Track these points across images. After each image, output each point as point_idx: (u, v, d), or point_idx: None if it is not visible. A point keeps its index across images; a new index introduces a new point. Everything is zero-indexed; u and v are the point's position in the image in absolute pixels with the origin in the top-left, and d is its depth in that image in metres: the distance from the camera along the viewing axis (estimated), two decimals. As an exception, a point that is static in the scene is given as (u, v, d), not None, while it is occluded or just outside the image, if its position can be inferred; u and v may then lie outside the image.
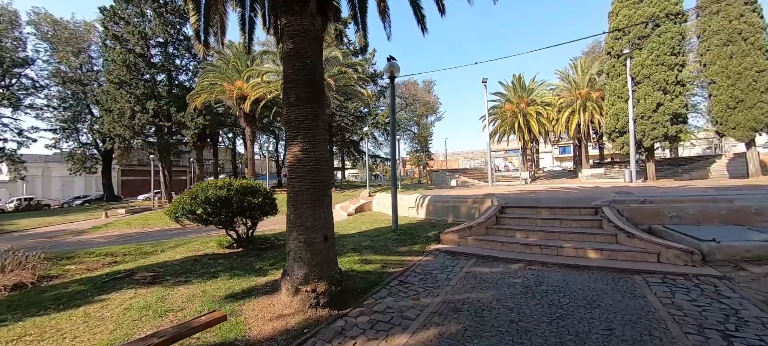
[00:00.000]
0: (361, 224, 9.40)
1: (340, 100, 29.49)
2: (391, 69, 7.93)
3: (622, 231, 5.63)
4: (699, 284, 4.27)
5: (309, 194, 3.96)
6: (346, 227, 8.91)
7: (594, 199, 7.92)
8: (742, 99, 16.38)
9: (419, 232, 7.81)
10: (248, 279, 4.68)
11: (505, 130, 33.00)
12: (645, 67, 19.42)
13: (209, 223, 6.25)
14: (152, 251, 7.28)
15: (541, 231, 6.38)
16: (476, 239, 6.61)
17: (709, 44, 17.66)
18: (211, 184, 6.48)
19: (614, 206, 6.57)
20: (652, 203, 6.30)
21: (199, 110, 26.70)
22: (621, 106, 20.61)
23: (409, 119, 52.76)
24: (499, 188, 19.03)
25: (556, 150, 57.89)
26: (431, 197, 9.51)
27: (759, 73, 16.07)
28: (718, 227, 5.75)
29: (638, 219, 6.35)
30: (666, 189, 11.07)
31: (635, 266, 4.93)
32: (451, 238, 6.89)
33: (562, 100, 28.69)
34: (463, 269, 5.42)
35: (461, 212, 8.55)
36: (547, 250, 5.81)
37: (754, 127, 16.25)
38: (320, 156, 4.06)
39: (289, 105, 4.01)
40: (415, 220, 9.50)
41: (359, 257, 5.89)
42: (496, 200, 7.91)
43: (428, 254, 6.37)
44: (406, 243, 7.01)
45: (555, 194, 10.77)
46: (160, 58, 28.47)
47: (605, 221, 6.12)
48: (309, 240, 3.92)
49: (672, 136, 19.38)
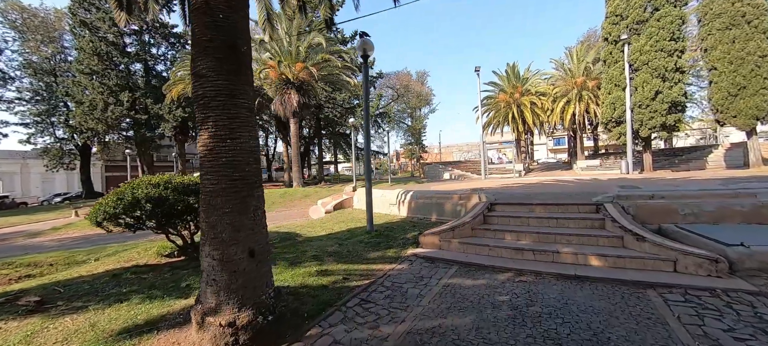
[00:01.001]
0: (334, 223, 8.44)
1: (328, 91, 28.30)
2: (364, 46, 6.88)
3: (630, 233, 4.74)
4: (731, 303, 3.38)
5: (225, 195, 2.95)
6: (316, 228, 7.94)
7: (594, 193, 7.03)
8: (744, 86, 15.62)
9: (397, 233, 6.87)
10: (163, 303, 3.68)
11: (499, 122, 32.12)
12: (643, 54, 18.56)
13: (138, 229, 5.21)
14: (85, 259, 6.25)
15: (534, 232, 5.47)
16: (460, 242, 5.68)
17: (710, 28, 16.82)
18: (145, 181, 5.43)
19: (618, 202, 5.67)
20: (663, 199, 5.42)
21: (179, 102, 25.34)
22: (618, 95, 19.80)
23: (403, 111, 51.63)
24: (491, 181, 18.19)
25: (550, 142, 57.40)
26: (413, 193, 8.57)
27: (762, 58, 15.30)
28: (741, 227, 4.89)
29: (646, 217, 5.47)
30: (670, 181, 10.27)
31: (648, 277, 4.04)
32: (432, 240, 5.96)
33: (557, 89, 27.84)
34: (440, 282, 4.49)
35: (446, 210, 7.62)
36: (542, 256, 4.90)
37: (756, 115, 15.53)
38: (242, 145, 3.05)
39: (197, 76, 2.98)
40: (395, 218, 8.55)
41: (318, 268, 4.92)
42: (483, 196, 6.98)
43: (403, 261, 5.43)
44: (379, 247, 6.06)
45: (550, 188, 9.89)
46: (135, 46, 26.90)
47: (609, 220, 5.23)
48: (226, 257, 2.94)
49: (670, 125, 18.64)
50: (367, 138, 7.08)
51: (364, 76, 7.01)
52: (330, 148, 45.56)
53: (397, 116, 52.21)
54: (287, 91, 20.36)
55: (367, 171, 7.05)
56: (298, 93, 20.41)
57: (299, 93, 20.46)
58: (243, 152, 3.05)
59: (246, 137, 3.10)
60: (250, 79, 3.20)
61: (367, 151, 7.14)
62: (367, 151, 7.15)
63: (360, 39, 6.90)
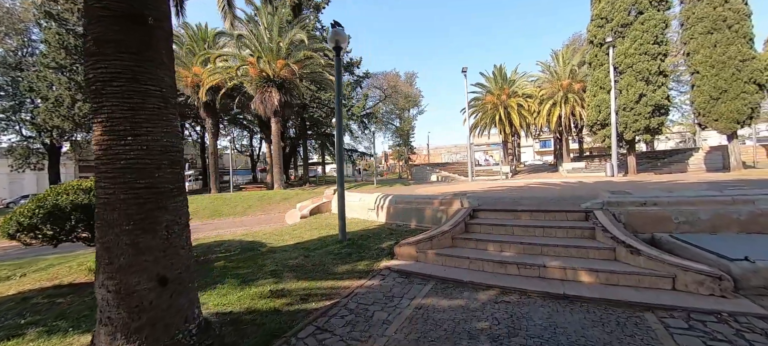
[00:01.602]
0: (307, 230, 7.78)
1: (313, 91, 27.51)
2: (336, 38, 6.27)
3: (622, 244, 4.27)
4: (742, 331, 2.91)
5: (124, 208, 2.29)
6: (285, 236, 7.26)
7: (582, 198, 6.61)
8: (725, 89, 15.74)
9: (372, 242, 6.26)
10: (62, 342, 2.95)
11: (486, 123, 32.01)
12: (628, 57, 18.57)
13: (61, 241, 4.44)
14: (9, 275, 5.38)
15: (519, 243, 4.96)
16: (438, 254, 5.13)
17: (693, 32, 16.93)
18: (73, 186, 4.66)
19: (608, 209, 5.23)
20: (655, 206, 5.00)
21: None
22: (603, 97, 19.79)
23: (391, 112, 51.14)
24: (477, 184, 17.81)
25: (537, 144, 57.99)
26: (392, 197, 7.99)
27: (743, 62, 15.44)
28: (741, 237, 4.50)
29: (638, 226, 5.05)
30: (657, 185, 10.04)
31: (645, 297, 3.56)
32: (408, 251, 5.39)
33: (544, 92, 27.86)
34: (413, 302, 3.91)
35: (426, 216, 7.06)
36: (527, 270, 4.39)
37: (736, 119, 15.66)
38: (151, 144, 2.39)
39: (88, 54, 2.31)
40: (373, 225, 7.95)
41: (273, 286, 4.27)
42: (466, 202, 6.46)
43: (375, 276, 4.83)
44: (350, 259, 5.44)
45: (536, 192, 9.50)
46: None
47: (599, 229, 4.77)
48: (125, 288, 2.27)
49: (654, 128, 18.71)
50: (340, 137, 6.46)
51: (337, 68, 6.39)
52: (317, 149, 44.67)
53: (385, 117, 51.69)
54: (268, 90, 19.51)
55: (340, 174, 6.43)
56: (280, 91, 19.58)
57: (281, 91, 19.63)
58: (152, 153, 2.39)
59: (157, 134, 2.44)
60: (164, 60, 2.55)
61: (339, 151, 6.52)
62: (339, 152, 6.52)
63: (332, 29, 6.28)
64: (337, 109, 6.35)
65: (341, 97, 6.37)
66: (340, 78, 6.42)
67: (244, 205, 15.03)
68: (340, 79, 6.42)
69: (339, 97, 6.38)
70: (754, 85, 15.40)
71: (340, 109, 6.37)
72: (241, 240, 6.98)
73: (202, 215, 13.59)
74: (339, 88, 6.41)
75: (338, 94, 6.37)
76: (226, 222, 12.16)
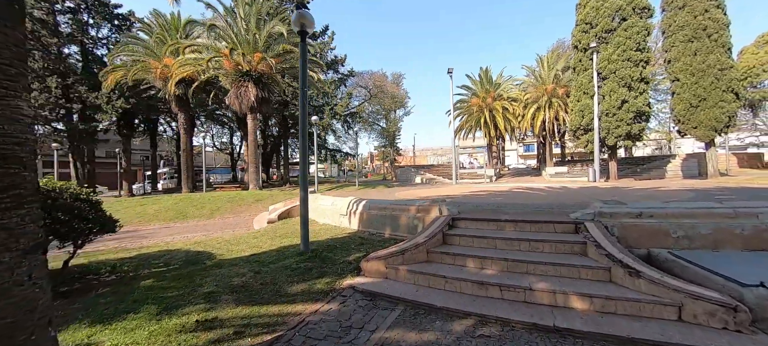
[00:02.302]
0: (269, 238, 6.94)
1: (295, 87, 26.49)
2: (301, 21, 5.50)
3: (619, 264, 3.70)
4: (772, 382, 2.34)
5: None
6: (241, 245, 6.39)
7: (569, 206, 6.09)
8: (704, 97, 15.89)
9: (338, 254, 5.51)
10: None
11: (472, 126, 31.82)
12: (611, 63, 18.61)
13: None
14: None
15: (502, 259, 4.33)
16: (411, 271, 4.43)
17: (674, 40, 17.08)
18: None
19: (600, 221, 4.69)
20: (652, 218, 4.49)
21: (121, 91, 22.44)
22: (586, 103, 19.78)
23: (377, 113, 50.44)
24: (461, 187, 17.34)
25: (521, 148, 58.75)
26: (366, 202, 7.26)
27: (721, 71, 15.63)
28: (745, 255, 4.02)
29: (633, 240, 4.52)
30: (642, 191, 9.76)
31: (648, 331, 2.97)
32: (377, 267, 4.67)
33: (529, 96, 27.88)
34: (374, 336, 3.19)
35: (401, 224, 6.37)
36: (511, 293, 3.75)
37: (715, 126, 15.84)
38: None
39: None
40: (344, 232, 7.20)
41: (203, 315, 3.45)
42: (445, 209, 5.81)
43: (335, 297, 4.09)
44: (309, 276, 4.67)
45: (521, 198, 8.99)
46: (70, 26, 23.58)
47: (591, 244, 4.20)
48: None
49: (635, 134, 18.81)
50: (303, 133, 5.67)
51: (302, 54, 5.61)
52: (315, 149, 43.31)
53: (371, 118, 50.95)
54: (244, 84, 18.42)
55: (302, 175, 5.63)
56: (257, 86, 18.53)
57: (258, 86, 18.58)
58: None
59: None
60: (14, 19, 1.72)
61: (303, 149, 5.72)
62: (303, 149, 5.72)
63: (297, 10, 5.50)
64: (301, 101, 5.57)
65: (306, 89, 5.60)
66: (305, 66, 5.65)
67: (213, 206, 13.94)
68: (305, 67, 5.64)
69: (303, 90, 5.60)
70: (731, 93, 15.61)
71: (305, 101, 5.59)
72: (188, 250, 6.08)
73: (163, 218, 12.44)
74: (303, 77, 5.62)
75: (303, 86, 5.60)
76: (188, 226, 11.11)
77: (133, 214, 12.75)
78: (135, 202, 15.25)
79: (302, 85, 5.56)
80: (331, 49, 29.15)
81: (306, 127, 5.63)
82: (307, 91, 5.66)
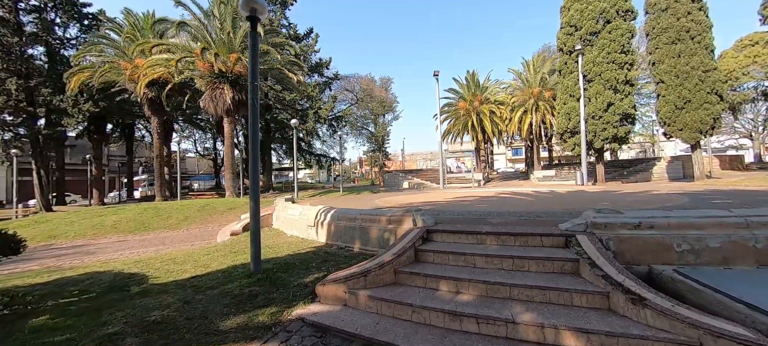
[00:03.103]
0: (222, 255, 6.08)
1: (277, 91, 25.61)
2: (251, 5, 4.74)
3: (619, 288, 3.05)
4: None
5: None
6: (185, 266, 5.51)
7: (558, 215, 5.46)
8: (689, 99, 15.77)
9: (295, 273, 4.72)
10: None
11: (459, 130, 31.44)
12: (596, 65, 18.45)
13: None
14: None
15: (481, 281, 3.62)
16: (373, 297, 3.68)
17: (657, 42, 16.99)
18: None
19: (594, 232, 4.05)
20: (652, 229, 3.87)
21: (89, 94, 21.14)
22: (573, 105, 19.55)
23: (366, 117, 49.75)
24: (447, 192, 16.73)
25: (509, 152, 58.93)
26: (334, 212, 6.50)
27: (705, 72, 15.55)
28: (763, 273, 3.42)
29: (632, 255, 3.90)
30: (632, 195, 9.29)
31: (663, 384, 2.29)
32: (334, 292, 3.90)
33: (515, 99, 27.68)
34: (310, 395, 2.42)
35: (371, 237, 5.62)
36: (490, 326, 3.05)
37: (700, 128, 15.71)
38: None
39: None
40: (310, 246, 6.40)
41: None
42: (420, 220, 5.09)
43: (277, 334, 3.30)
44: (252, 304, 3.87)
45: (507, 205, 8.37)
46: (35, 25, 22.18)
47: (585, 262, 3.54)
48: None
49: (621, 137, 18.63)
50: (254, 132, 4.89)
51: (251, 44, 4.85)
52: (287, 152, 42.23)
53: (359, 122, 50.23)
54: (220, 86, 17.46)
55: (253, 180, 4.83)
56: (234, 89, 17.60)
57: (235, 89, 17.64)
58: None
59: None
60: None
61: (254, 149, 4.93)
62: (254, 150, 4.93)
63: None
64: (251, 94, 4.79)
65: (256, 83, 4.84)
66: (256, 57, 4.89)
67: (181, 216, 12.89)
68: (255, 58, 4.89)
69: (253, 84, 4.83)
70: (715, 95, 15.53)
71: (255, 95, 4.82)
72: (120, 272, 5.17)
73: (123, 229, 11.35)
74: (253, 69, 4.86)
75: (252, 80, 4.83)
76: (146, 239, 10.09)
77: (88, 226, 11.61)
78: (95, 212, 14.04)
79: (251, 79, 4.80)
80: (315, 52, 28.43)
81: (256, 126, 4.85)
82: (257, 85, 4.89)
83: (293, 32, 27.36)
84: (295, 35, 27.49)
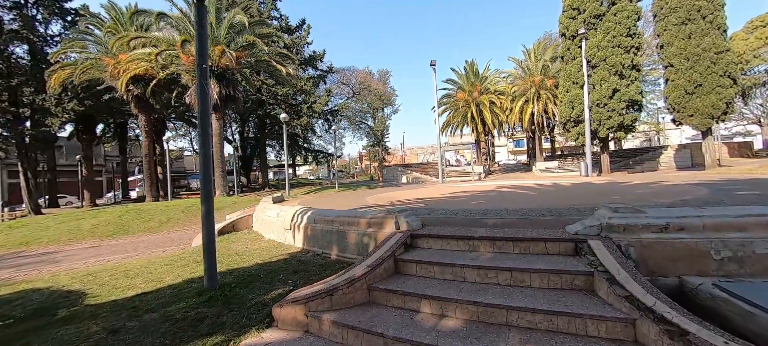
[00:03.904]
0: (181, 265, 5.40)
1: (269, 85, 24.77)
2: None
3: (649, 315, 2.32)
4: None
5: None
6: (136, 279, 4.81)
7: (565, 212, 4.73)
8: (700, 83, 14.86)
9: (256, 288, 4.02)
10: None
11: (459, 122, 30.58)
12: (601, 50, 17.52)
13: None
14: None
15: (471, 302, 2.91)
16: (339, 323, 2.98)
17: (666, 23, 16.03)
18: None
19: (610, 237, 3.31)
20: (683, 231, 3.14)
21: (74, 92, 20.42)
22: (576, 93, 18.65)
23: (364, 112, 48.84)
24: (445, 187, 15.99)
25: (510, 143, 58.00)
26: (312, 213, 5.78)
27: (717, 54, 14.62)
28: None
29: (657, 263, 3.16)
30: (642, 186, 8.51)
31: None
32: (293, 315, 3.21)
33: (516, 88, 26.73)
34: None
35: (349, 242, 4.91)
36: (480, 366, 2.33)
37: (712, 114, 14.82)
38: None
39: None
40: (284, 253, 5.71)
41: None
42: (403, 222, 4.37)
43: (213, 376, 2.60)
44: (195, 332, 3.18)
45: (506, 201, 7.63)
46: (16, 22, 21.38)
47: (601, 278, 2.81)
48: None
49: (627, 125, 17.76)
50: (204, 122, 4.18)
51: (197, 29, 4.12)
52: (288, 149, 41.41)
53: (357, 117, 49.33)
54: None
55: (204, 178, 4.12)
56: (220, 83, 16.82)
57: (220, 83, 16.87)
58: None
59: None
60: None
61: (205, 141, 4.21)
62: (205, 142, 4.21)
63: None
64: (199, 85, 4.07)
65: (205, 66, 4.10)
66: (203, 38, 4.14)
67: (164, 217, 12.24)
68: (203, 38, 4.14)
69: (201, 67, 4.10)
70: (728, 78, 14.62)
71: (204, 88, 4.09)
72: (59, 290, 4.50)
73: (100, 234, 10.71)
74: (200, 50, 4.12)
75: (200, 63, 4.09)
76: (120, 244, 9.44)
77: (65, 230, 10.99)
78: (73, 215, 13.42)
79: (199, 62, 4.06)
80: (307, 44, 27.52)
81: (207, 115, 4.14)
82: (206, 69, 4.16)
83: (285, 24, 26.44)
84: (287, 27, 26.58)
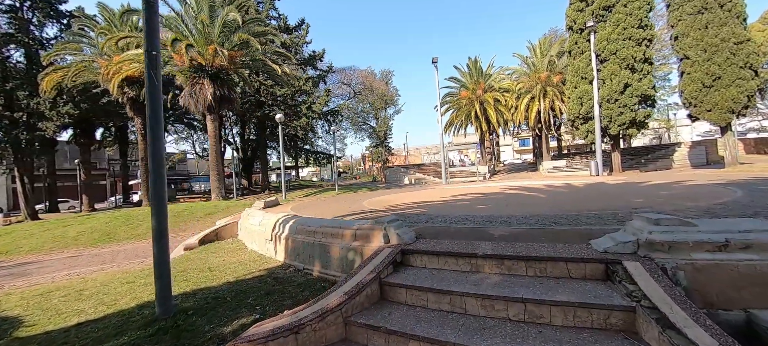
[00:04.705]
0: (145, 283, 4.79)
1: (268, 86, 24.27)
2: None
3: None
4: None
5: None
6: (87, 301, 4.17)
7: (584, 221, 4.01)
8: (719, 76, 13.95)
9: (216, 317, 3.37)
10: None
11: (462, 121, 29.77)
12: (611, 42, 16.68)
13: None
14: None
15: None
16: (305, 369, 2.30)
17: (681, 13, 15.14)
18: None
19: (652, 257, 2.60)
20: (748, 250, 2.42)
21: (69, 95, 20.08)
22: (585, 89, 17.82)
23: (367, 113, 48.26)
24: (448, 189, 15.26)
25: (516, 143, 56.97)
26: (294, 223, 5.13)
27: (737, 45, 13.71)
28: None
29: (716, 292, 2.45)
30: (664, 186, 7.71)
31: None
32: (252, 357, 2.53)
33: (521, 85, 25.88)
34: None
35: (332, 257, 4.24)
36: None
37: (732, 108, 13.90)
38: None
39: None
40: (264, 267, 5.06)
41: None
42: (394, 235, 3.70)
43: None
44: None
45: (514, 204, 6.89)
46: (11, 26, 21.14)
47: (647, 318, 2.10)
48: None
49: (640, 121, 16.89)
50: (156, 121, 3.54)
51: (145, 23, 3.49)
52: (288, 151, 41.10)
53: (360, 117, 48.77)
54: (199, 81, 16.18)
55: (154, 182, 3.49)
56: (214, 83, 16.29)
57: (215, 83, 16.34)
58: None
59: None
60: None
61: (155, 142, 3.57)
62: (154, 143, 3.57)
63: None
64: (147, 75, 3.44)
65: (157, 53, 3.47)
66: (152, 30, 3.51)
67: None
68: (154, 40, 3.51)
69: (152, 53, 3.46)
70: (749, 70, 13.70)
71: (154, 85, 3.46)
72: None
73: (84, 242, 10.19)
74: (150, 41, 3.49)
75: (149, 49, 3.46)
76: (102, 253, 8.90)
77: (49, 238, 10.50)
78: (61, 222, 12.96)
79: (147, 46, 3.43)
80: (306, 43, 26.98)
81: (159, 115, 3.50)
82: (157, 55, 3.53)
83: (283, 23, 25.94)
84: (286, 26, 26.07)
